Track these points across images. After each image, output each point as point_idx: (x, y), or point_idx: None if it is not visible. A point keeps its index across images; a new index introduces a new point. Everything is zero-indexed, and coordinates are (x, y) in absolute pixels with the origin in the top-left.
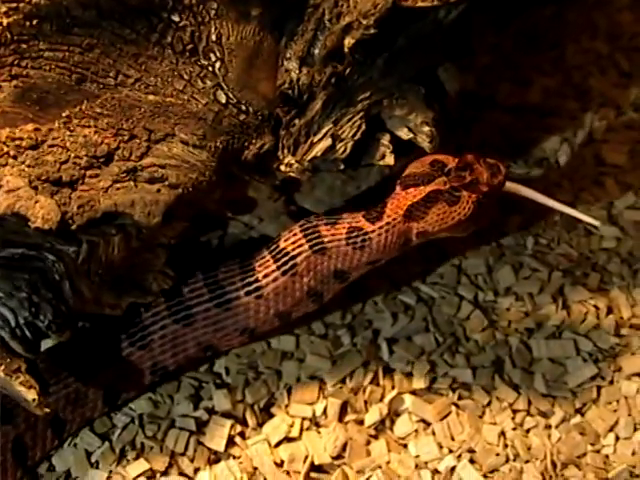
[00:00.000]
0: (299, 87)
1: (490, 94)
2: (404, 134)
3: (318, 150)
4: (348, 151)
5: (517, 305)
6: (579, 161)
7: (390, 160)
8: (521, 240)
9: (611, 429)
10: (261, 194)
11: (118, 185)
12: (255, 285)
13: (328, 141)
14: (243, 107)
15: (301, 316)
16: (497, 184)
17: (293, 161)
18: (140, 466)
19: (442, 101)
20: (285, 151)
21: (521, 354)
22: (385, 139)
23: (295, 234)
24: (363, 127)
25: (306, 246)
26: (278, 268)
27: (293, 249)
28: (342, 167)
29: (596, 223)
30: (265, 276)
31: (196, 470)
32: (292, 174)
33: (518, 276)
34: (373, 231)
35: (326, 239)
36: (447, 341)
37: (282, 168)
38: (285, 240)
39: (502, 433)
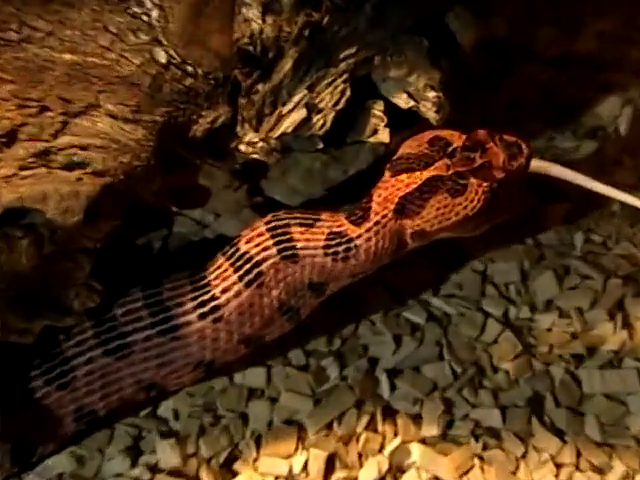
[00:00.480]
0: (262, 42)
1: (525, 42)
2: (402, 101)
3: (289, 124)
4: (328, 125)
5: (561, 324)
6: None
7: (384, 136)
8: (567, 237)
9: None
10: (216, 182)
11: (25, 173)
12: (211, 304)
13: (302, 112)
14: (189, 68)
15: (275, 339)
16: (517, 168)
17: (256, 139)
18: None
19: (453, 57)
20: (246, 126)
21: (567, 389)
22: (377, 108)
23: (260, 234)
24: (348, 93)
25: (274, 249)
26: (240, 279)
27: (257, 253)
28: (321, 146)
29: None
30: (224, 291)
31: None
32: (255, 156)
33: (562, 285)
34: (359, 236)
35: (299, 244)
36: (468, 372)
37: (242, 148)
38: (247, 241)
39: None
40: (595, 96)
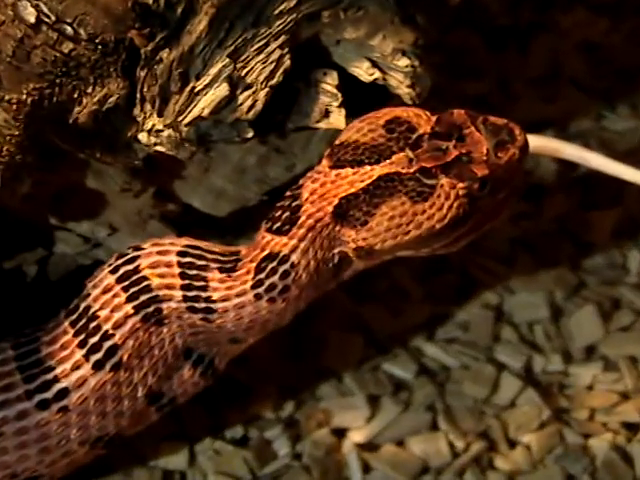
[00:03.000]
0: None
1: None
2: (364, 72)
3: (205, 105)
4: (260, 106)
5: (607, 379)
6: None
7: (339, 120)
8: (618, 257)
9: None
10: (110, 184)
11: None
12: (56, 388)
13: (223, 88)
14: (68, 29)
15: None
16: (507, 163)
17: (161, 125)
18: None
19: (435, 9)
20: (147, 107)
21: (613, 471)
22: (329, 82)
23: (108, 287)
24: (286, 63)
25: (128, 307)
26: (87, 357)
27: (107, 318)
28: (250, 135)
29: None
30: (67, 373)
31: None
32: (161, 148)
33: (609, 325)
34: (293, 249)
35: (165, 306)
36: (473, 448)
37: (142, 138)
38: (95, 299)
39: None
40: None
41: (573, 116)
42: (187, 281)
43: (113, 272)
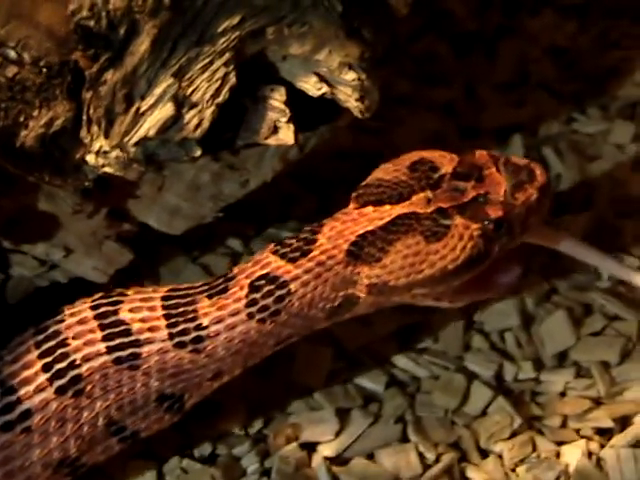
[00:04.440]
0: (109, 13)
1: None
2: (311, 87)
3: (151, 125)
4: (206, 124)
5: (579, 386)
6: None
7: (287, 135)
8: (588, 265)
9: None
10: (62, 206)
11: None
12: (17, 411)
13: (168, 108)
14: (11, 53)
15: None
16: (524, 204)
17: (108, 146)
18: None
19: (381, 21)
20: (93, 129)
21: (587, 477)
22: (276, 98)
23: (85, 320)
24: (232, 80)
25: (102, 346)
26: (50, 382)
27: (77, 349)
28: (198, 153)
29: None
30: (30, 396)
31: None
32: (108, 169)
33: (581, 331)
34: (294, 278)
35: (145, 350)
36: (444, 459)
37: (90, 159)
38: (68, 326)
39: None
40: (635, 57)
41: (543, 120)
42: (173, 319)
43: (94, 308)
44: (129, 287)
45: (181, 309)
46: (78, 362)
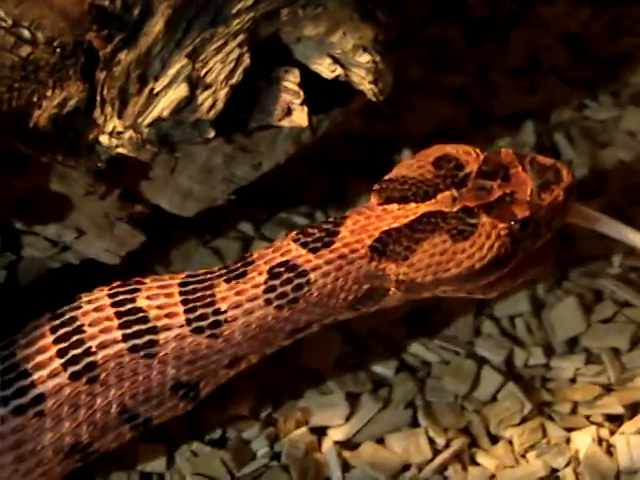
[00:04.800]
0: None
1: None
2: (325, 69)
3: (164, 106)
4: (220, 106)
5: (589, 372)
6: None
7: (301, 117)
8: (600, 249)
9: None
10: (74, 187)
11: None
12: (30, 395)
13: (182, 89)
14: (25, 33)
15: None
16: (550, 204)
17: (121, 127)
18: None
19: (399, 4)
20: (107, 109)
21: (597, 464)
22: (290, 80)
23: (102, 308)
24: (246, 61)
25: (118, 334)
26: (65, 367)
27: (93, 336)
28: (212, 135)
29: None
30: (44, 380)
31: None
32: (122, 150)
33: (591, 318)
34: (315, 268)
35: (162, 336)
36: (454, 444)
37: (104, 140)
38: (84, 313)
39: None
40: None
41: (554, 107)
42: (191, 304)
43: (111, 296)
44: (146, 275)
45: (199, 294)
46: (94, 349)
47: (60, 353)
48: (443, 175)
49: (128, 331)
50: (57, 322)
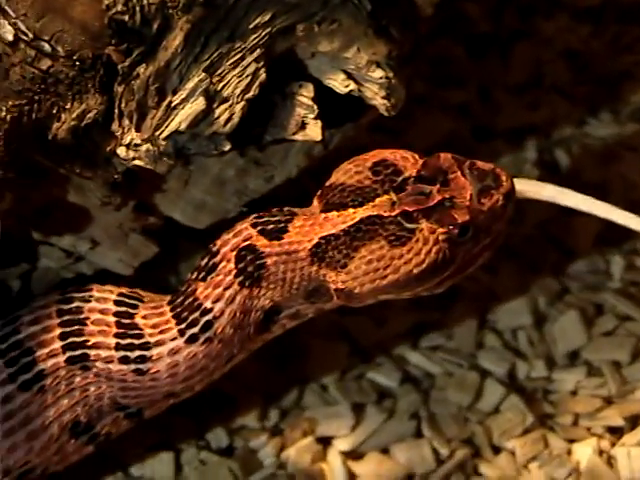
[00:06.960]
0: (143, 8)
1: None
2: (339, 84)
3: (182, 119)
4: (236, 119)
5: (591, 385)
6: None
7: (315, 131)
8: (601, 263)
9: None
10: (90, 198)
11: None
12: (33, 371)
13: (199, 102)
14: (46, 47)
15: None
16: (490, 209)
17: (139, 140)
18: None
19: (408, 21)
20: (125, 122)
21: (597, 475)
22: (305, 94)
23: (104, 311)
24: (262, 76)
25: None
26: (63, 350)
27: (91, 334)
28: (228, 147)
29: None
30: (44, 359)
31: None
32: (139, 162)
33: (593, 331)
34: (269, 254)
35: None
36: (457, 454)
37: (121, 152)
38: (90, 309)
39: None
40: None
41: (556, 123)
42: (182, 316)
43: (117, 304)
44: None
45: (186, 303)
46: (90, 344)
47: (62, 336)
48: (381, 180)
49: (122, 342)
50: (65, 307)
